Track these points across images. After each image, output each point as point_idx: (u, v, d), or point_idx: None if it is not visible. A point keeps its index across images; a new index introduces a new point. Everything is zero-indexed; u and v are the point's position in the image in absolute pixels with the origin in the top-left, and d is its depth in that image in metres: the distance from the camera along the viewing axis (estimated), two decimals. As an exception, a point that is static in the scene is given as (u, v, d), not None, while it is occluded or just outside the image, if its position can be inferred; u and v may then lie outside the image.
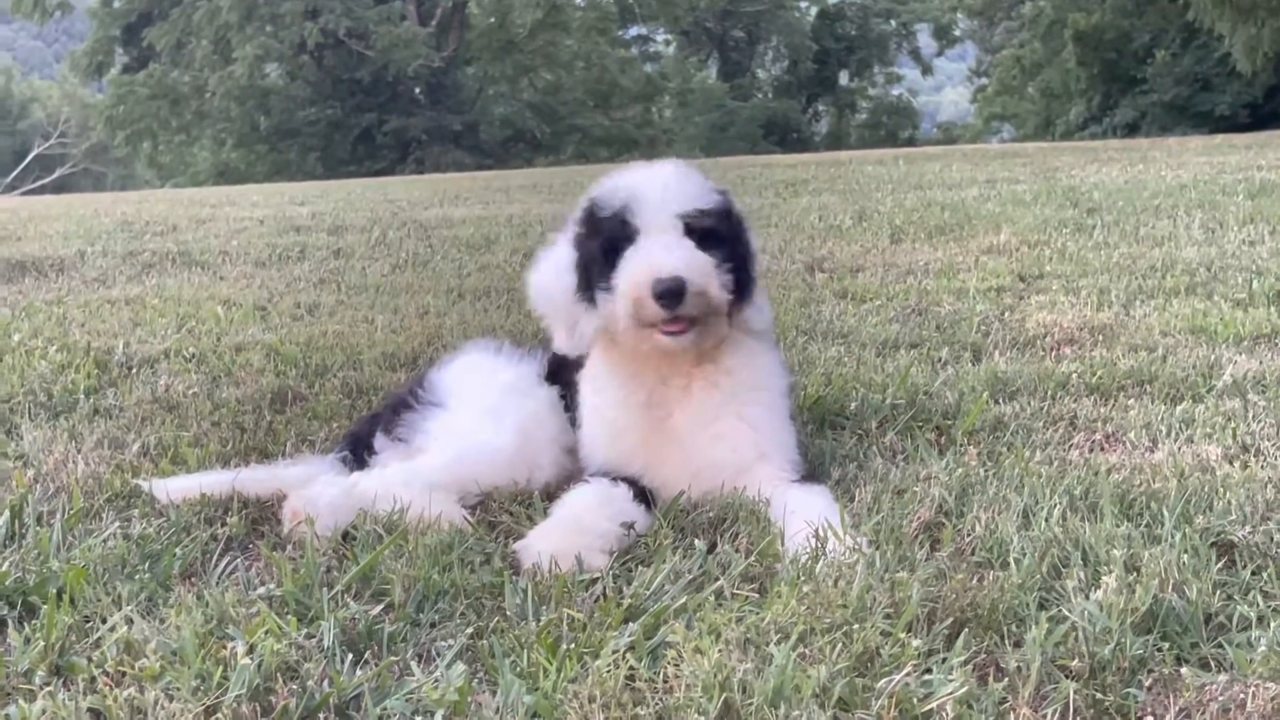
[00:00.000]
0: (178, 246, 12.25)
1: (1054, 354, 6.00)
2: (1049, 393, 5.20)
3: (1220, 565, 3.17)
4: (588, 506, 3.72)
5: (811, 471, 4.08)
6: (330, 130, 56.15)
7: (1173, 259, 8.62)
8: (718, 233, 3.80)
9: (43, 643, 2.92)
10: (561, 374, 4.34)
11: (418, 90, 58.27)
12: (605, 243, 3.80)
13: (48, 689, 2.72)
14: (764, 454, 3.97)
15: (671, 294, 3.63)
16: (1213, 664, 2.78)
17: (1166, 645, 2.83)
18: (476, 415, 4.25)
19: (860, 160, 24.20)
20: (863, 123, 71.54)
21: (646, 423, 4.01)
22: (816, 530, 3.42)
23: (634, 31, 69.11)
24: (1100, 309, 6.95)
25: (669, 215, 3.74)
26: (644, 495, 3.89)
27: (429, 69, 55.83)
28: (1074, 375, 5.40)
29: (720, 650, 2.76)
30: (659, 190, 3.80)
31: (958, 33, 71.39)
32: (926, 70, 76.21)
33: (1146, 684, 2.70)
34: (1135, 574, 3.08)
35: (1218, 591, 3.02)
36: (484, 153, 55.41)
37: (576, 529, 3.56)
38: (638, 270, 3.69)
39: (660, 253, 3.68)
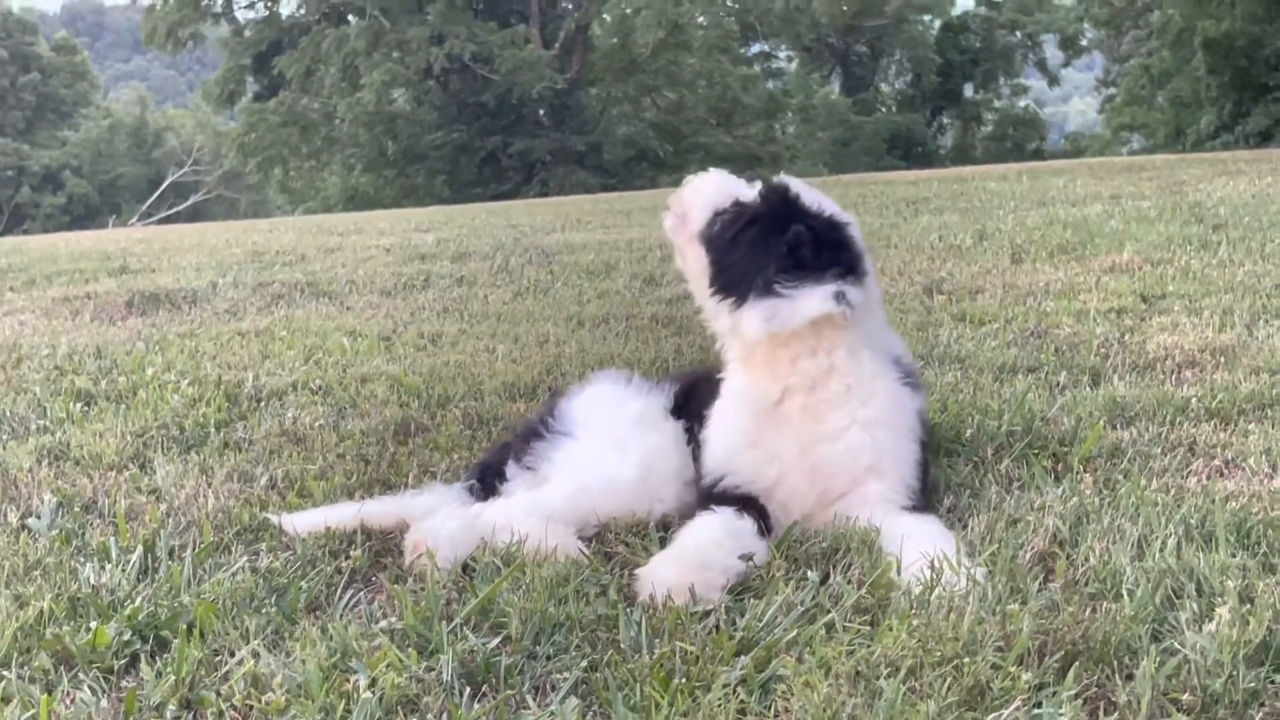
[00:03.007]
0: (306, 276, 12.46)
1: (1174, 377, 5.91)
2: (1168, 418, 5.13)
3: (1337, 596, 3.13)
4: (714, 540, 3.72)
5: (927, 502, 4.08)
6: (456, 154, 56.60)
7: (1299, 277, 8.47)
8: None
9: (174, 677, 3.03)
10: (688, 406, 4.41)
11: (541, 112, 58.60)
12: None
13: (179, 722, 2.82)
14: (875, 467, 3.98)
15: None
16: (1326, 698, 2.76)
17: None
18: (602, 446, 4.30)
19: (983, 176, 23.95)
20: (988, 135, 70.53)
21: (759, 420, 4.05)
22: (932, 561, 3.44)
23: (756, 49, 68.93)
24: (1223, 330, 6.84)
25: None
26: (765, 527, 3.91)
27: (552, 91, 56.08)
28: (1194, 399, 5.33)
29: (830, 684, 2.80)
30: None
31: (1084, 43, 70.31)
32: (1053, 81, 75.13)
33: (1258, 717, 2.69)
34: (1249, 605, 3.06)
35: (1334, 623, 2.98)
36: (608, 173, 55.56)
37: (699, 563, 3.57)
38: None
39: None
